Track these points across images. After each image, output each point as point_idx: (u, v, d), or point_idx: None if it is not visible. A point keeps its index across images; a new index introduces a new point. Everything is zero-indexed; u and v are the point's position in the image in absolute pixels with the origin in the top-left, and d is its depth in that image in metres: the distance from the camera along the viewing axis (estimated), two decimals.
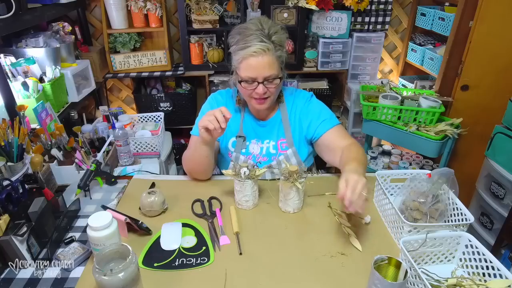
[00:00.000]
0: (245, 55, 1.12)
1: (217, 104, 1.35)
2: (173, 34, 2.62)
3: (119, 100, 2.84)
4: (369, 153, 2.33)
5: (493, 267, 0.81)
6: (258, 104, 1.22)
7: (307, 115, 1.30)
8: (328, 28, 2.43)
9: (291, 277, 0.89)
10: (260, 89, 1.16)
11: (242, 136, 1.31)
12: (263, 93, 1.17)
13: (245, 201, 1.13)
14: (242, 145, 1.31)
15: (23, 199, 1.03)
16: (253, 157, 1.32)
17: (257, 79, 1.15)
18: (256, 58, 1.12)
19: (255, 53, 1.11)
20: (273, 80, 1.17)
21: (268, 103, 1.23)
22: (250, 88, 1.18)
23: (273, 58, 1.14)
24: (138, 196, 1.13)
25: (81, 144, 1.43)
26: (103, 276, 0.73)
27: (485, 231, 1.83)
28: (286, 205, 1.12)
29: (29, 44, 1.87)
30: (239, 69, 1.17)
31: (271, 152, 1.32)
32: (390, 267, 0.80)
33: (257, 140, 1.33)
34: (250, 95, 1.20)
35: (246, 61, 1.13)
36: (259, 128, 1.33)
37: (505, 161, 1.66)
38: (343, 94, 2.65)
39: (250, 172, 1.10)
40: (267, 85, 1.17)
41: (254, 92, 1.17)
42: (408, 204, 1.03)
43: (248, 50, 1.11)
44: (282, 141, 1.32)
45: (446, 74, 2.04)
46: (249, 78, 1.15)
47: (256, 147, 1.32)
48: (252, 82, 1.16)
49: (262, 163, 1.31)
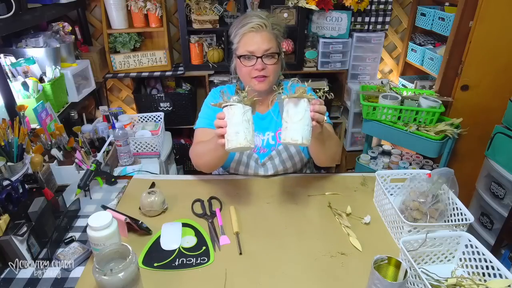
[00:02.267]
0: (244, 31, 1.21)
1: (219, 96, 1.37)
2: (173, 34, 2.62)
3: (119, 100, 2.84)
4: (369, 153, 2.33)
5: (493, 267, 0.81)
6: (258, 83, 1.24)
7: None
8: (328, 28, 2.43)
9: (291, 277, 0.89)
10: (258, 64, 1.20)
11: None
12: (261, 69, 1.21)
13: (234, 133, 0.91)
14: None
15: (23, 199, 1.03)
16: (258, 149, 1.33)
17: (255, 53, 1.20)
18: (255, 32, 1.20)
19: (253, 29, 1.20)
20: (271, 55, 1.21)
21: (267, 83, 1.24)
22: (250, 64, 1.22)
23: (271, 35, 1.22)
24: (138, 196, 1.13)
25: (81, 144, 1.43)
26: (103, 276, 0.73)
27: (485, 231, 1.83)
28: (294, 131, 0.92)
29: (29, 44, 1.87)
30: (239, 47, 1.23)
31: (271, 143, 1.34)
32: (390, 267, 0.80)
33: (258, 133, 1.34)
34: (250, 74, 1.23)
35: (246, 36, 1.21)
36: (259, 121, 1.35)
37: (505, 161, 1.66)
38: (343, 94, 2.65)
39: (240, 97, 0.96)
40: (265, 61, 1.21)
41: (254, 69, 1.21)
42: (408, 204, 1.03)
43: (247, 26, 1.20)
44: (280, 132, 1.32)
45: (446, 74, 2.04)
46: (248, 52, 1.21)
47: (258, 139, 1.34)
48: (250, 58, 1.21)
49: (263, 155, 1.32)
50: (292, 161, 1.32)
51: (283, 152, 1.30)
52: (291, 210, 1.14)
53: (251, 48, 1.20)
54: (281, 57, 1.28)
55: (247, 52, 1.20)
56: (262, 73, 1.21)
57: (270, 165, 1.32)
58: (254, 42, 1.19)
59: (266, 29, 1.21)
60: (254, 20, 1.19)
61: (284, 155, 1.31)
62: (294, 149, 1.31)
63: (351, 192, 1.25)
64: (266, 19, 1.21)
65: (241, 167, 1.32)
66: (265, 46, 1.19)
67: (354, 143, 2.70)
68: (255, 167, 1.32)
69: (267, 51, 1.20)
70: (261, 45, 1.19)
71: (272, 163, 1.32)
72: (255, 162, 1.31)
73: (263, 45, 1.19)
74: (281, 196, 1.22)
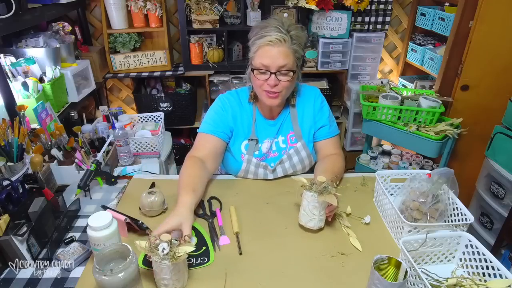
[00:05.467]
0: (261, 44, 1.13)
1: (230, 104, 1.30)
2: (173, 34, 2.62)
3: (119, 100, 2.84)
4: (369, 153, 2.33)
5: (493, 267, 0.81)
6: (268, 98, 1.20)
7: (321, 115, 1.33)
8: (328, 28, 2.43)
9: (291, 277, 0.89)
10: (271, 80, 1.15)
11: (254, 139, 1.30)
12: (274, 85, 1.16)
13: (163, 285, 0.84)
14: (254, 147, 1.30)
15: (23, 199, 1.03)
16: (265, 156, 1.31)
17: (270, 68, 1.14)
18: (272, 47, 1.13)
19: (271, 42, 1.12)
20: (286, 72, 1.16)
21: (279, 99, 1.20)
22: (263, 78, 1.17)
23: (289, 51, 1.14)
24: (138, 196, 1.13)
25: (81, 144, 1.43)
26: (103, 276, 0.73)
27: (485, 231, 1.83)
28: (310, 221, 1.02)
29: (29, 44, 1.87)
30: (254, 58, 1.17)
31: (281, 146, 1.32)
32: (390, 267, 0.80)
33: (269, 139, 1.33)
34: (262, 87, 1.19)
35: (262, 49, 1.14)
36: (270, 128, 1.33)
37: (505, 161, 1.66)
38: (343, 94, 2.65)
39: (170, 250, 0.80)
40: (279, 77, 1.15)
41: (266, 83, 1.17)
42: (408, 204, 1.03)
43: (265, 39, 1.12)
44: (291, 135, 1.32)
45: (446, 74, 2.04)
46: (262, 66, 1.15)
47: (268, 145, 1.32)
48: (265, 72, 1.16)
49: (273, 159, 1.31)
50: (302, 165, 1.32)
51: (294, 156, 1.30)
52: (291, 210, 1.14)
53: (266, 62, 1.13)
54: (298, 70, 1.21)
55: (262, 66, 1.14)
56: (274, 89, 1.16)
57: (280, 169, 1.31)
58: (270, 56, 1.13)
59: (285, 44, 1.12)
60: (273, 34, 1.11)
61: (295, 159, 1.30)
62: (305, 153, 1.30)
63: (351, 192, 1.25)
64: (286, 34, 1.12)
65: (250, 175, 1.31)
66: (281, 62, 1.13)
67: (354, 143, 2.70)
68: (264, 173, 1.30)
69: (282, 67, 1.14)
70: (277, 60, 1.12)
71: (282, 167, 1.31)
72: (264, 169, 1.29)
73: (278, 61, 1.13)
74: (281, 196, 1.22)
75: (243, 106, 1.32)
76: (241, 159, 1.29)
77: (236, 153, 1.30)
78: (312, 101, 1.33)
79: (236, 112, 1.30)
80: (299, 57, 1.19)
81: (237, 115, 1.30)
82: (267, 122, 1.33)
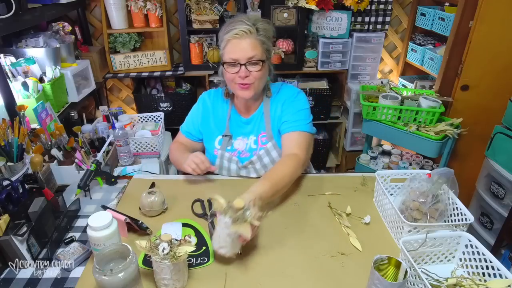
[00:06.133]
0: (229, 38, 1.17)
1: (203, 104, 1.39)
2: (173, 34, 2.62)
3: (119, 100, 2.84)
4: (369, 153, 2.33)
5: (493, 267, 0.81)
6: (241, 90, 1.22)
7: (290, 108, 1.29)
8: (328, 28, 2.43)
9: (291, 277, 0.89)
10: (242, 72, 1.17)
11: (228, 135, 1.34)
12: (244, 76, 1.18)
13: (163, 284, 0.84)
14: (227, 143, 1.33)
15: (23, 199, 1.03)
16: (238, 153, 1.33)
17: (239, 60, 1.17)
18: (239, 39, 1.16)
19: (238, 35, 1.16)
20: (256, 63, 1.18)
21: (252, 90, 1.22)
22: (233, 71, 1.19)
23: (256, 42, 1.17)
24: (138, 196, 1.13)
25: (81, 144, 1.43)
26: (103, 276, 0.73)
27: (485, 231, 1.83)
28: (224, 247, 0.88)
29: (29, 44, 1.87)
30: (224, 54, 1.21)
31: (252, 147, 1.33)
32: (390, 267, 0.80)
33: (243, 137, 1.34)
34: (234, 80, 1.21)
35: (230, 43, 1.17)
36: (243, 126, 1.35)
37: (505, 161, 1.66)
38: (343, 94, 2.65)
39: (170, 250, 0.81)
40: (249, 68, 1.18)
41: (237, 76, 1.19)
42: (408, 204, 1.03)
43: (231, 32, 1.16)
44: (263, 135, 1.32)
45: (446, 74, 2.04)
46: (231, 59, 1.17)
47: (241, 143, 1.34)
48: (235, 65, 1.18)
49: (244, 159, 1.32)
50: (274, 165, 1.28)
51: (265, 157, 1.29)
52: (291, 210, 1.15)
53: (235, 56, 1.16)
54: (268, 62, 1.24)
55: (231, 59, 1.17)
56: (245, 80, 1.19)
57: (252, 168, 1.32)
58: (238, 49, 1.16)
59: (251, 35, 1.16)
60: (238, 26, 1.15)
61: (265, 160, 1.29)
62: (276, 153, 1.29)
63: (351, 192, 1.25)
64: (251, 26, 1.16)
65: (224, 171, 1.34)
66: (249, 53, 1.16)
67: (354, 143, 2.70)
68: (236, 169, 1.32)
69: (251, 58, 1.16)
70: (245, 52, 1.16)
71: (253, 167, 1.31)
72: (236, 165, 1.31)
73: (247, 53, 1.16)
74: (281, 196, 1.22)
75: (219, 104, 1.38)
76: (214, 154, 1.33)
77: (210, 148, 1.36)
78: (285, 98, 1.31)
79: (209, 112, 1.37)
80: (268, 48, 1.23)
81: (209, 114, 1.37)
82: (241, 119, 1.35)
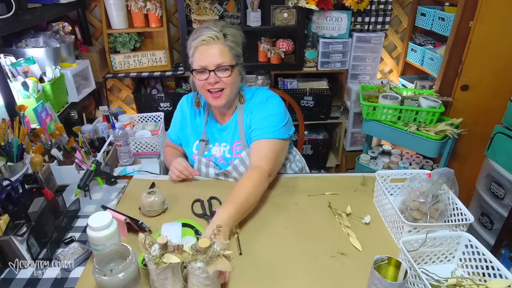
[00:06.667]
0: (196, 44, 1.15)
1: (181, 108, 1.40)
2: (173, 34, 2.62)
3: (119, 100, 2.84)
4: (369, 153, 2.33)
5: (493, 267, 0.81)
6: (213, 99, 1.19)
7: (256, 115, 1.24)
8: (328, 28, 2.43)
9: (291, 277, 0.89)
10: (211, 78, 1.15)
11: (204, 140, 1.33)
12: (214, 82, 1.16)
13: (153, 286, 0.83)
14: (204, 148, 1.33)
15: (23, 199, 1.03)
16: (215, 159, 1.31)
17: (207, 67, 1.14)
18: (206, 46, 1.14)
19: (205, 41, 1.13)
20: (226, 69, 1.15)
21: (224, 98, 1.19)
22: (203, 78, 1.16)
23: (224, 47, 1.15)
24: (138, 196, 1.13)
25: (81, 144, 1.43)
26: (103, 276, 0.73)
27: (485, 231, 1.83)
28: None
29: (29, 44, 1.87)
30: (193, 61, 1.18)
31: (227, 156, 1.30)
32: (390, 267, 0.80)
33: (219, 143, 1.32)
34: (204, 87, 1.19)
35: (198, 50, 1.15)
36: (219, 132, 1.33)
37: (505, 161, 1.66)
38: (343, 94, 2.65)
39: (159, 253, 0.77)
40: (219, 74, 1.15)
41: (207, 83, 1.17)
42: (408, 204, 1.03)
43: (199, 39, 1.14)
44: (237, 144, 1.28)
45: (446, 74, 2.04)
46: (200, 66, 1.15)
47: (218, 150, 1.32)
48: (204, 72, 1.15)
49: (221, 166, 1.31)
50: None
51: (240, 166, 1.26)
52: (291, 210, 1.14)
53: (203, 63, 1.14)
54: (240, 68, 1.22)
55: (200, 66, 1.15)
56: (215, 86, 1.16)
57: (230, 177, 1.31)
58: (206, 56, 1.13)
59: (219, 41, 1.13)
60: (205, 33, 1.13)
61: (241, 169, 1.26)
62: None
63: (351, 192, 1.25)
64: (218, 31, 1.13)
65: (203, 176, 1.34)
66: (217, 60, 1.13)
67: (354, 143, 2.70)
68: (214, 174, 1.31)
69: (220, 65, 1.14)
70: (213, 58, 1.13)
71: (231, 176, 1.30)
72: (214, 169, 1.31)
73: (215, 59, 1.13)
74: (281, 196, 1.22)
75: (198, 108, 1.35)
76: (192, 158, 1.34)
77: (189, 153, 1.37)
78: (256, 104, 1.26)
79: (186, 116, 1.37)
80: (238, 54, 1.20)
81: (186, 119, 1.37)
82: (216, 126, 1.33)
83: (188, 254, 0.78)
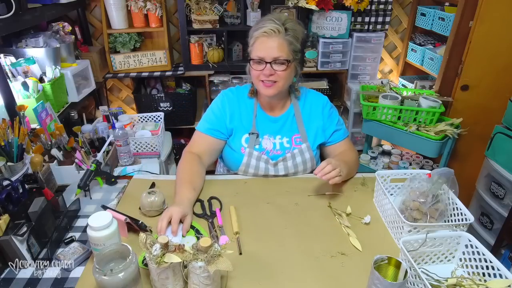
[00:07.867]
0: (257, 35, 1.19)
1: (228, 100, 1.35)
2: (173, 34, 2.62)
3: (119, 100, 2.84)
4: (369, 153, 2.33)
5: (493, 267, 0.81)
6: (265, 88, 1.23)
7: (330, 122, 1.36)
8: (328, 28, 2.43)
9: (291, 277, 0.89)
10: (267, 70, 1.19)
11: (255, 133, 1.32)
12: (269, 74, 1.19)
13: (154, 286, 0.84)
14: (255, 141, 1.32)
15: (23, 199, 1.03)
16: (267, 152, 1.32)
17: (265, 58, 1.18)
18: (267, 38, 1.18)
19: (266, 33, 1.17)
20: (281, 62, 1.19)
21: (275, 89, 1.23)
22: (259, 68, 1.20)
23: (283, 41, 1.18)
24: (138, 196, 1.13)
25: (81, 144, 1.43)
26: (103, 276, 0.73)
27: (485, 231, 1.83)
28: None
29: (29, 44, 1.87)
30: (252, 51, 1.23)
31: (285, 146, 1.33)
32: (390, 267, 0.80)
33: (269, 136, 1.34)
34: (258, 77, 1.22)
35: (258, 41, 1.19)
36: (271, 124, 1.34)
37: (505, 161, 1.66)
38: (343, 94, 2.65)
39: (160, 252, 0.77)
40: (275, 67, 1.19)
41: (262, 73, 1.20)
42: (408, 204, 1.03)
43: (260, 30, 1.18)
44: (296, 136, 1.34)
45: (446, 74, 2.04)
46: (258, 57, 1.19)
47: (269, 142, 1.33)
48: (260, 62, 1.20)
49: (276, 156, 1.32)
50: (304, 166, 1.33)
51: (298, 156, 1.31)
52: (291, 210, 1.15)
53: (261, 54, 1.18)
54: (296, 63, 1.25)
55: (257, 57, 1.19)
56: (270, 78, 1.20)
57: (282, 165, 1.31)
58: (265, 48, 1.18)
59: (279, 35, 1.17)
60: (267, 25, 1.17)
61: (298, 159, 1.31)
62: (309, 155, 1.32)
63: (351, 192, 1.25)
64: (280, 25, 1.17)
65: (251, 169, 1.32)
66: (275, 53, 1.17)
67: (354, 143, 2.70)
68: (265, 168, 1.31)
69: (277, 58, 1.17)
70: (271, 51, 1.17)
71: (284, 164, 1.31)
72: (265, 163, 1.30)
73: (273, 51, 1.17)
74: (281, 196, 1.22)
75: (244, 101, 1.36)
76: (241, 152, 1.31)
77: (236, 147, 1.32)
78: (321, 110, 1.35)
79: (235, 108, 1.34)
80: (296, 49, 1.22)
81: (235, 111, 1.34)
82: (268, 117, 1.35)
83: (189, 254, 0.79)
